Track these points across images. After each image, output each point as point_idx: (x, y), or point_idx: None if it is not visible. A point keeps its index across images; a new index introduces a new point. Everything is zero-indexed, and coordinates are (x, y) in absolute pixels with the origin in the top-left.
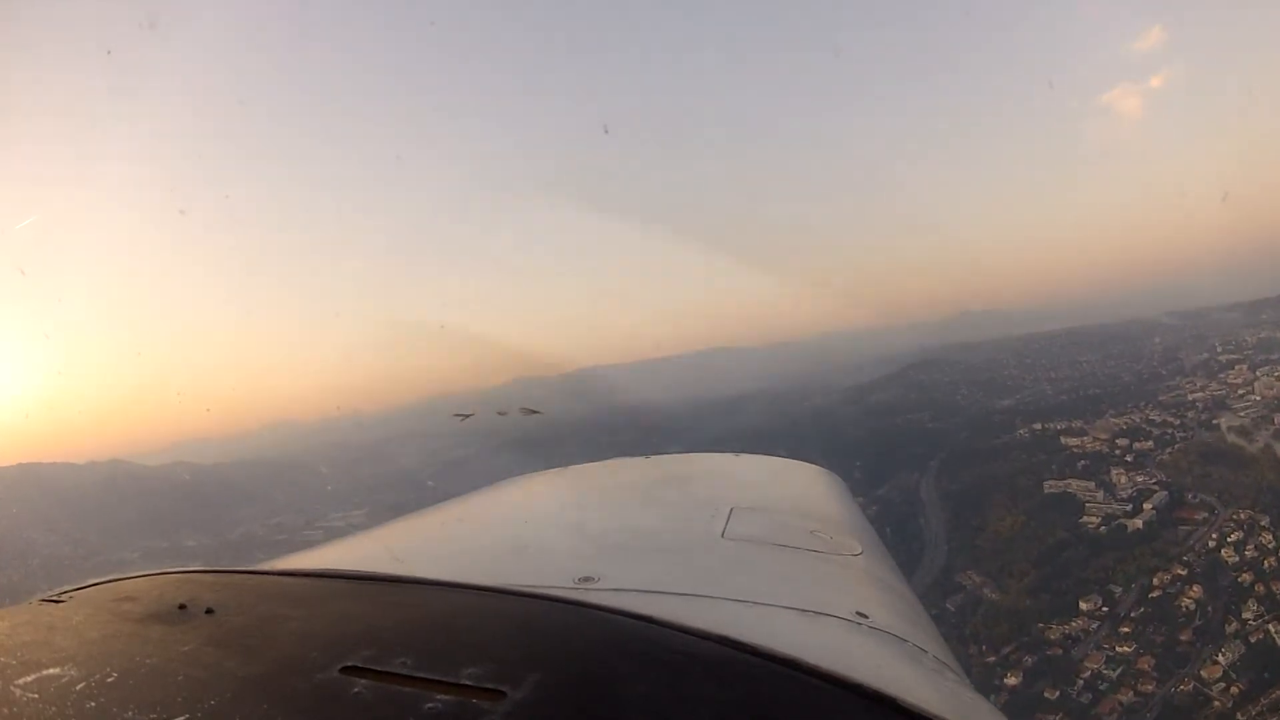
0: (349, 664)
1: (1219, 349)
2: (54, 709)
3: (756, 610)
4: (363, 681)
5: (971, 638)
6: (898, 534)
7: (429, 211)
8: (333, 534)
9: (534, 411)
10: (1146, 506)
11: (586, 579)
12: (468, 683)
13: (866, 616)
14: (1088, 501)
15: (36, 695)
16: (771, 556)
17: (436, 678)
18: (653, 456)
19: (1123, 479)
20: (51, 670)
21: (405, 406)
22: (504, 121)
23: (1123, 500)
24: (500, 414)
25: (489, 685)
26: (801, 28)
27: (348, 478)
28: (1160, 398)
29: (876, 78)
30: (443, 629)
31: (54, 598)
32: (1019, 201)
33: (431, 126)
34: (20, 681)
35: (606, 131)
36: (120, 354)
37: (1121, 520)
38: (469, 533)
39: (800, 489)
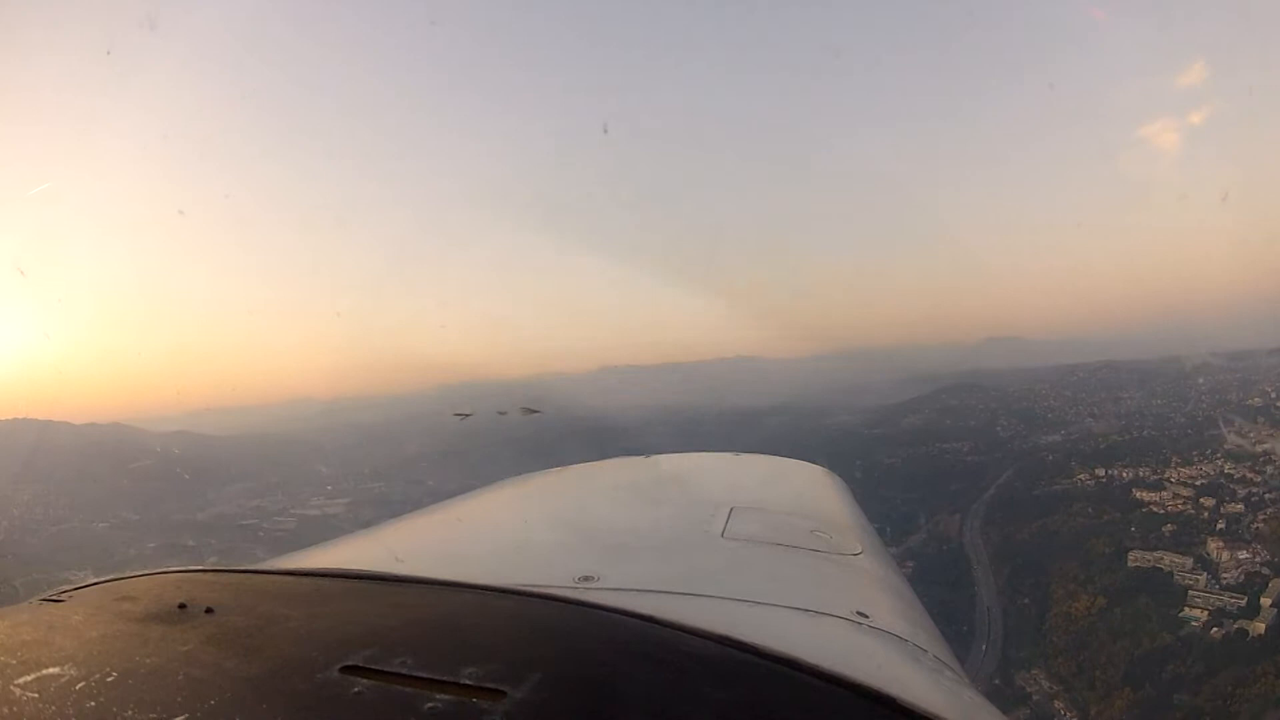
0: (349, 664)
1: (1273, 395)
2: (54, 709)
3: (756, 610)
4: (363, 681)
5: None
6: (940, 609)
7: (434, 210)
8: (307, 522)
9: (534, 411)
10: (1265, 602)
11: (586, 578)
12: (468, 682)
13: (866, 616)
14: (1190, 587)
15: (36, 695)
16: (771, 556)
17: (437, 677)
18: (653, 456)
19: (1224, 555)
20: (51, 670)
21: (417, 390)
22: (510, 120)
23: (1232, 589)
24: (500, 414)
25: (489, 685)
26: (831, 48)
27: (345, 462)
28: (1226, 446)
29: (909, 102)
30: (443, 629)
31: (54, 597)
32: (1047, 231)
33: (435, 124)
34: (20, 681)
35: (606, 131)
36: (123, 353)
37: (1241, 624)
38: (469, 532)
39: (800, 488)
